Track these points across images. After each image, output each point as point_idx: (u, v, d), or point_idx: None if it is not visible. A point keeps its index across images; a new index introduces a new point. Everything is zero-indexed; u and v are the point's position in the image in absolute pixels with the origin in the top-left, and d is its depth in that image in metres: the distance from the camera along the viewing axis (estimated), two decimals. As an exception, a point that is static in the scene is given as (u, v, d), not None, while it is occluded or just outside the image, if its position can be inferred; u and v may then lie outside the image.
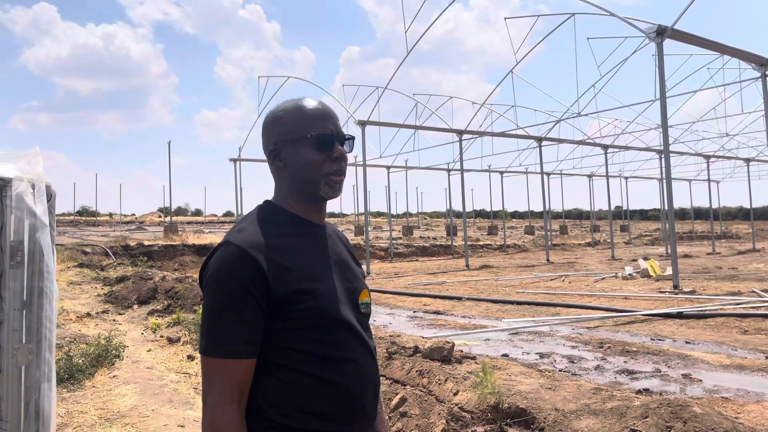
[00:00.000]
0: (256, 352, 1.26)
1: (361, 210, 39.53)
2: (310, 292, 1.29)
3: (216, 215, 65.44)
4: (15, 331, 2.02)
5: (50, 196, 2.15)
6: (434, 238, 33.14)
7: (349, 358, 1.35)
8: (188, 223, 44.09)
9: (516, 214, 77.33)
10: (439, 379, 4.87)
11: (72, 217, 45.35)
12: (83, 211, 52.57)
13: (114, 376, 6.03)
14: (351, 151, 1.47)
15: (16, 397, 2.02)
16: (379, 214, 67.63)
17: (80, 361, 6.02)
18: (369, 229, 24.29)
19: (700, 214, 51.94)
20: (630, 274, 14.98)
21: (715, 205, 35.44)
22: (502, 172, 33.69)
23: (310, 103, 1.43)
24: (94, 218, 45.90)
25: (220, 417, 1.21)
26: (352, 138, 1.48)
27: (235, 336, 1.23)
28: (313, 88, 39.84)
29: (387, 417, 4.45)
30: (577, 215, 74.38)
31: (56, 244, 2.40)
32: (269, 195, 1.48)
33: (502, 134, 23.66)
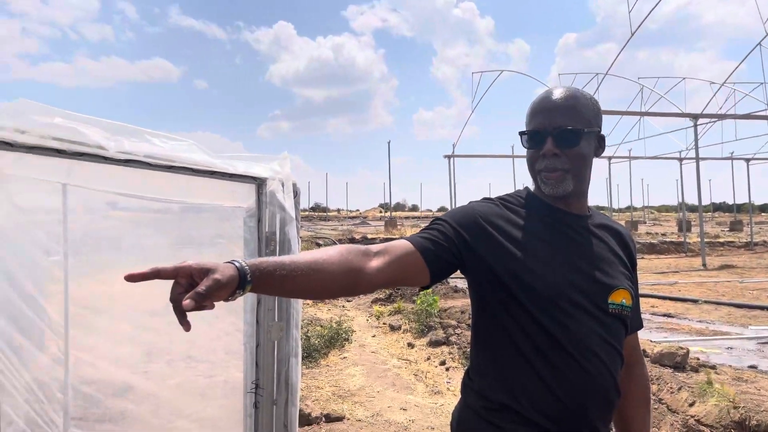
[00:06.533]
0: (429, 261, 1.26)
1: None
2: (531, 272, 1.28)
3: (431, 210, 67.68)
4: (269, 310, 2.35)
5: (296, 193, 2.46)
6: (663, 235, 30.30)
7: (570, 354, 1.26)
8: (406, 218, 46.16)
9: (766, 208, 67.09)
10: (671, 387, 4.48)
11: (307, 213, 50.54)
12: (316, 207, 58.23)
13: (344, 357, 6.61)
14: (574, 145, 1.33)
15: (270, 368, 2.35)
16: (599, 209, 63.72)
17: (316, 341, 6.71)
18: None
19: None
20: None
21: None
22: (747, 160, 29.43)
23: (541, 95, 1.40)
24: (325, 213, 50.59)
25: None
26: (578, 131, 1.33)
27: (427, 236, 1.30)
28: (527, 79, 39.07)
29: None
30: None
31: (299, 236, 2.71)
32: (481, 190, 1.53)
33: (748, 116, 20.67)
